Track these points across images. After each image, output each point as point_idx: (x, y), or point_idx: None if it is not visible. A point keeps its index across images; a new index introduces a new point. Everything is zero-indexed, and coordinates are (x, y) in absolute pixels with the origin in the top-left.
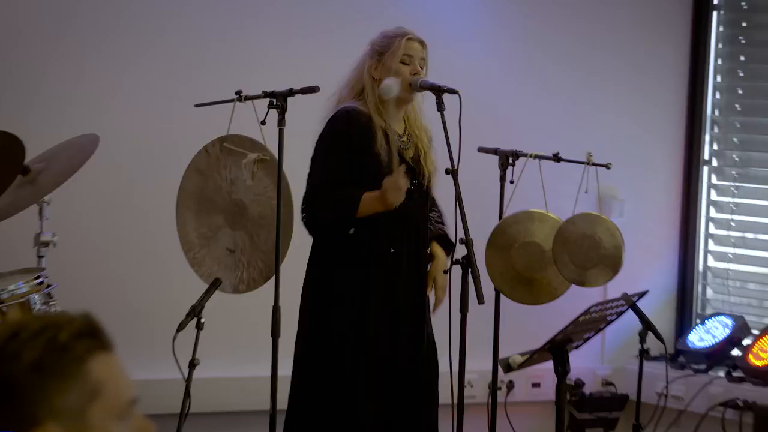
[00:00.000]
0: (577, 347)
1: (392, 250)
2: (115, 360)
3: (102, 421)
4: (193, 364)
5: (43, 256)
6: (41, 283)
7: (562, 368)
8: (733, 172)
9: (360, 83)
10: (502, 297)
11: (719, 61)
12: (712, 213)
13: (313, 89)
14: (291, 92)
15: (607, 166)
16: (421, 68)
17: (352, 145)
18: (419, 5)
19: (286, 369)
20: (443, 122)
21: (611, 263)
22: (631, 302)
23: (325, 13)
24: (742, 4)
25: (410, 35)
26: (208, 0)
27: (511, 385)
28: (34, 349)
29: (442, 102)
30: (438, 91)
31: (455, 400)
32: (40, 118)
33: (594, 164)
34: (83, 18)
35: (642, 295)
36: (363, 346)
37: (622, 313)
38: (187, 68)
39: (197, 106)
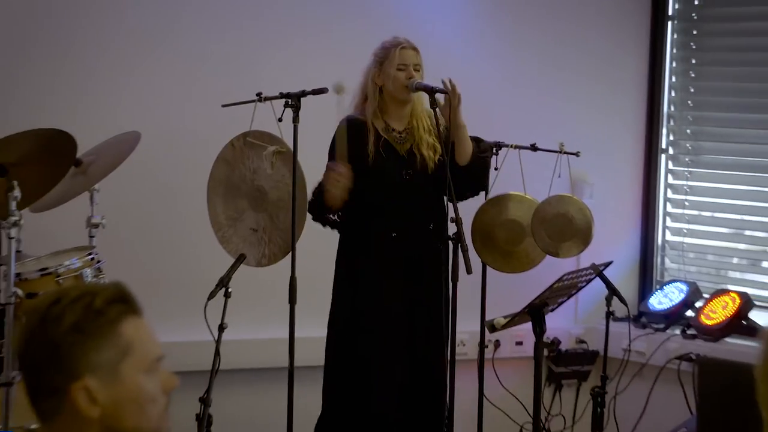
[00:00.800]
0: (552, 310)
1: (394, 234)
2: (144, 323)
3: (132, 375)
4: (222, 328)
5: (93, 236)
6: (92, 259)
7: (539, 328)
8: (687, 159)
9: (366, 89)
10: (488, 267)
11: (674, 64)
12: (669, 194)
13: (322, 90)
14: (304, 93)
15: (576, 154)
16: (417, 71)
17: (348, 148)
18: (415, 13)
19: (301, 331)
20: (436, 118)
21: (582, 237)
22: (598, 271)
23: (328, 16)
24: (693, 15)
25: (404, 45)
26: (227, 11)
27: (497, 344)
28: (74, 313)
29: (435, 100)
30: (430, 91)
31: (449, 357)
32: (87, 117)
33: (566, 153)
34: (128, 35)
35: (607, 264)
36: (380, 328)
37: (590, 280)
38: (210, 71)
39: (224, 106)
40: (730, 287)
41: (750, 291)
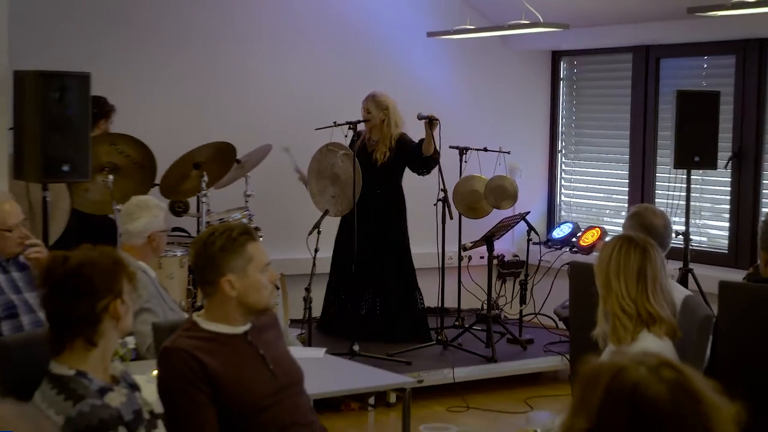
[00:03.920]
0: (498, 238)
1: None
2: (259, 244)
3: (253, 273)
4: (316, 250)
5: (248, 201)
6: (247, 213)
7: (491, 249)
8: (573, 155)
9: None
10: (462, 217)
11: (564, 104)
12: (564, 175)
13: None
14: (359, 121)
15: (508, 153)
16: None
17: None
18: (413, 74)
19: None
20: (431, 134)
21: (513, 199)
22: (522, 217)
23: (368, 78)
24: (574, 77)
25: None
26: (318, 66)
27: (470, 258)
28: (221, 239)
29: (432, 123)
30: (428, 119)
31: (441, 265)
32: (243, 131)
33: (503, 152)
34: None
35: (527, 213)
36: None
37: (518, 222)
38: (308, 107)
39: (317, 129)
40: (597, 225)
41: (610, 227)
